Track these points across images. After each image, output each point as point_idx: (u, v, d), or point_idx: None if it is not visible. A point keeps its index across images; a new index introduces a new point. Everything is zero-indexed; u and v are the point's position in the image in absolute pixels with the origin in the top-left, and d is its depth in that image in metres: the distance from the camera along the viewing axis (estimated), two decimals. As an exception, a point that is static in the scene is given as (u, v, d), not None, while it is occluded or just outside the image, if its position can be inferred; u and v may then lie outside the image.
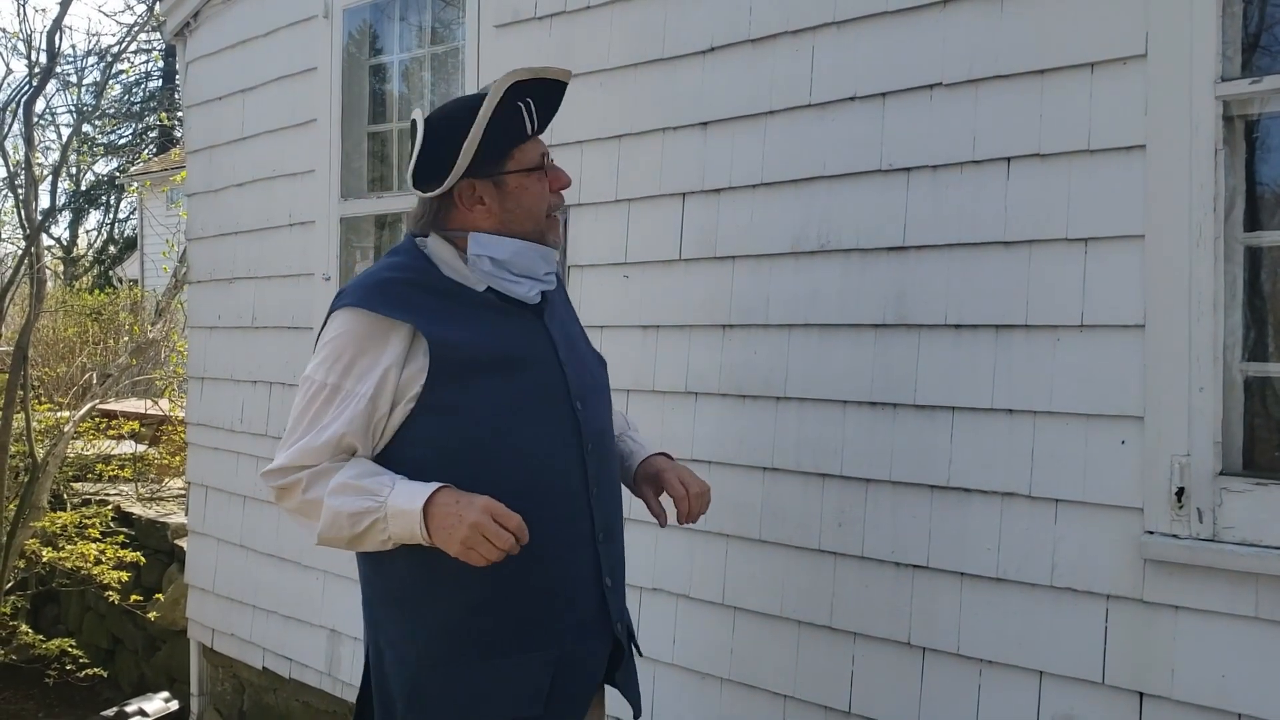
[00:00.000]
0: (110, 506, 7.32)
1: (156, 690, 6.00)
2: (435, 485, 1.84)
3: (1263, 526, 2.12)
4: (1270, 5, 2.22)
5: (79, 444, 8.24)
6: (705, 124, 3.02)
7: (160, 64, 19.88)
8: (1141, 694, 2.26)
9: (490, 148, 1.98)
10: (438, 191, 2.00)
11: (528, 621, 1.97)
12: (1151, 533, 2.23)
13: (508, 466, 1.93)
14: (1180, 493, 2.19)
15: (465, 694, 1.96)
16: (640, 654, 2.25)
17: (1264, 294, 2.22)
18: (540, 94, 2.03)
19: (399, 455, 1.95)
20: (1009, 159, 2.47)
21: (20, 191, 7.89)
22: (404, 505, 1.83)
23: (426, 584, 1.96)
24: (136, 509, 7.37)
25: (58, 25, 7.50)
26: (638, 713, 2.18)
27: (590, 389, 2.11)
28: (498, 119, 1.96)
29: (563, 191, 2.10)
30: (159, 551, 6.86)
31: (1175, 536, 2.20)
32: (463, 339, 1.94)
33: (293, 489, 1.93)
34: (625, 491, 2.27)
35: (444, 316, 1.95)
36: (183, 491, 6.98)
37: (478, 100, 1.99)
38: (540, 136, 2.09)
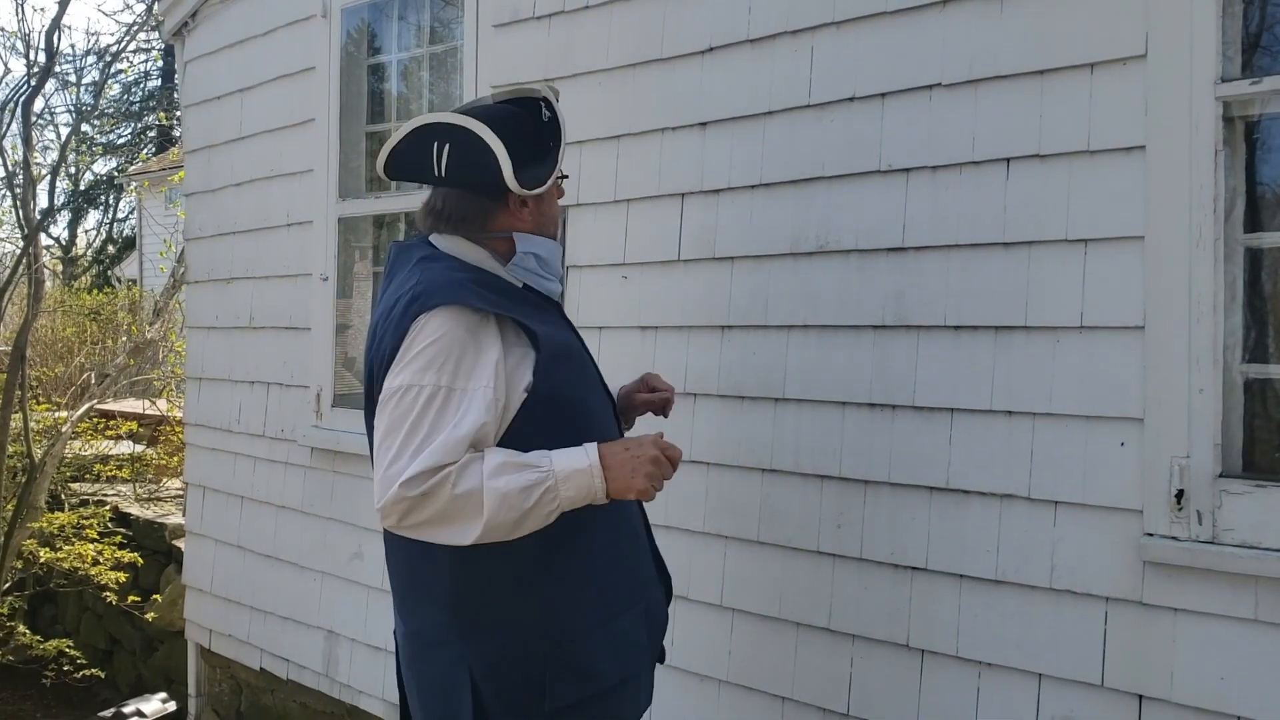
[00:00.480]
0: (108, 507, 7.31)
1: (154, 691, 5.99)
2: (591, 444, 1.94)
3: (1263, 529, 2.11)
4: (1270, 5, 2.21)
5: (77, 444, 8.22)
6: (704, 124, 3.01)
7: (159, 63, 19.88)
8: (1141, 696, 2.26)
9: (546, 158, 2.12)
10: (538, 191, 2.06)
11: (622, 582, 2.12)
12: (1151, 535, 2.23)
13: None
14: (1180, 495, 2.19)
15: (587, 665, 2.03)
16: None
17: (1264, 295, 2.21)
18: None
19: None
20: (1009, 160, 2.47)
21: (18, 191, 7.86)
22: (575, 465, 1.89)
23: (543, 568, 2.01)
24: (134, 509, 7.36)
25: (56, 24, 7.51)
26: (662, 659, 2.33)
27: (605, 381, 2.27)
28: (541, 131, 2.13)
29: (563, 195, 2.24)
30: (157, 552, 6.85)
31: (1175, 539, 2.20)
32: (546, 330, 2.02)
33: (439, 489, 1.82)
34: None
35: (521, 310, 2.02)
36: (180, 492, 6.97)
37: (535, 106, 2.14)
38: None
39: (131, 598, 6.50)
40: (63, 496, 7.59)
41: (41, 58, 7.78)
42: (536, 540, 1.92)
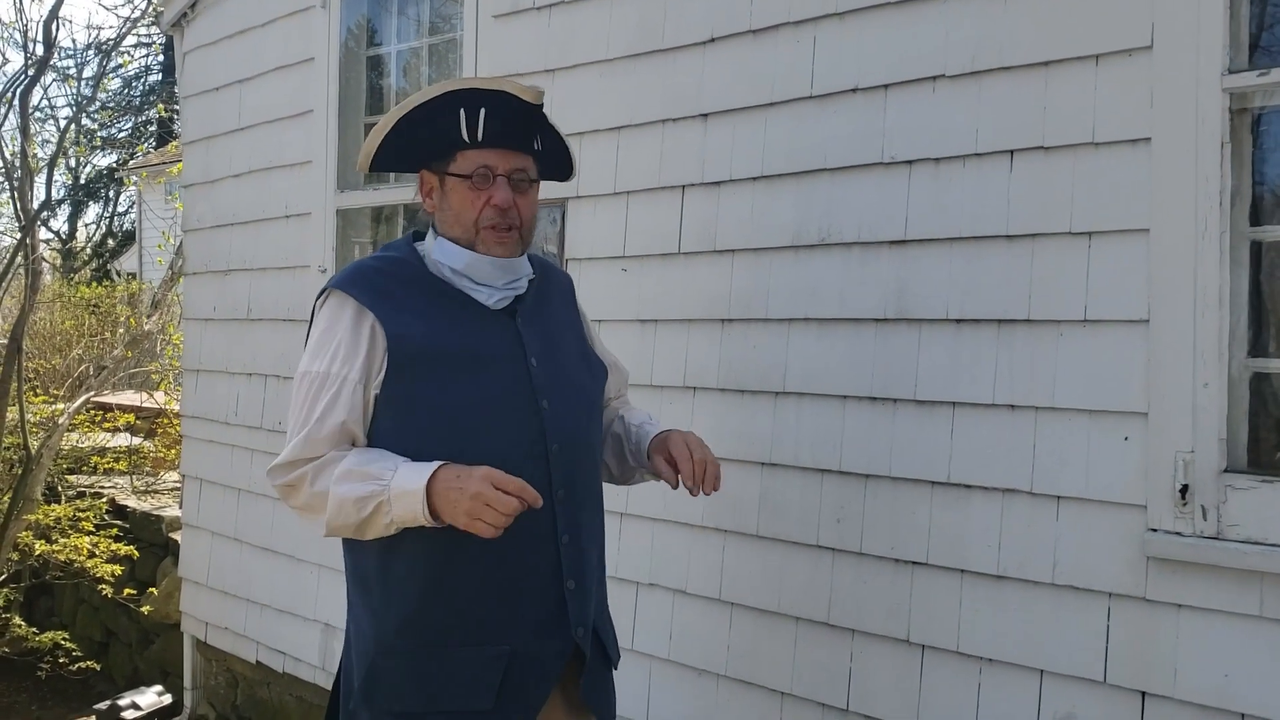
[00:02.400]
0: (104, 499, 7.28)
1: (150, 684, 5.97)
2: (436, 464, 1.85)
3: (1268, 524, 2.09)
4: (1279, -4, 2.19)
5: (74, 436, 8.19)
6: (705, 115, 2.99)
7: (160, 57, 19.84)
8: (1144, 693, 2.24)
9: (436, 145, 2.03)
10: (358, 167, 2.09)
11: (480, 616, 1.98)
12: (1155, 530, 2.21)
13: (462, 462, 1.88)
14: (1184, 490, 2.17)
15: (415, 682, 1.98)
16: (615, 664, 2.20)
17: (1269, 289, 2.19)
18: (503, 107, 2.00)
19: (384, 441, 1.97)
20: (1012, 152, 2.45)
21: (16, 183, 7.83)
22: (407, 486, 1.85)
23: (386, 575, 2.00)
24: (131, 502, 7.33)
25: (54, 15, 7.43)
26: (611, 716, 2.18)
27: (563, 390, 2.08)
28: (433, 117, 2.00)
29: (500, 206, 2.00)
30: (153, 545, 6.82)
31: (1179, 534, 2.18)
32: (420, 332, 1.97)
33: (299, 484, 1.95)
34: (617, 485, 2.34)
35: (409, 309, 1.99)
36: (178, 485, 6.95)
37: (421, 96, 2.04)
38: (513, 151, 2.03)
39: (128, 590, 6.48)
40: (59, 489, 7.56)
41: (39, 49, 7.74)
42: (383, 545, 1.96)
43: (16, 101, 8.05)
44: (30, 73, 7.88)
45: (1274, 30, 2.20)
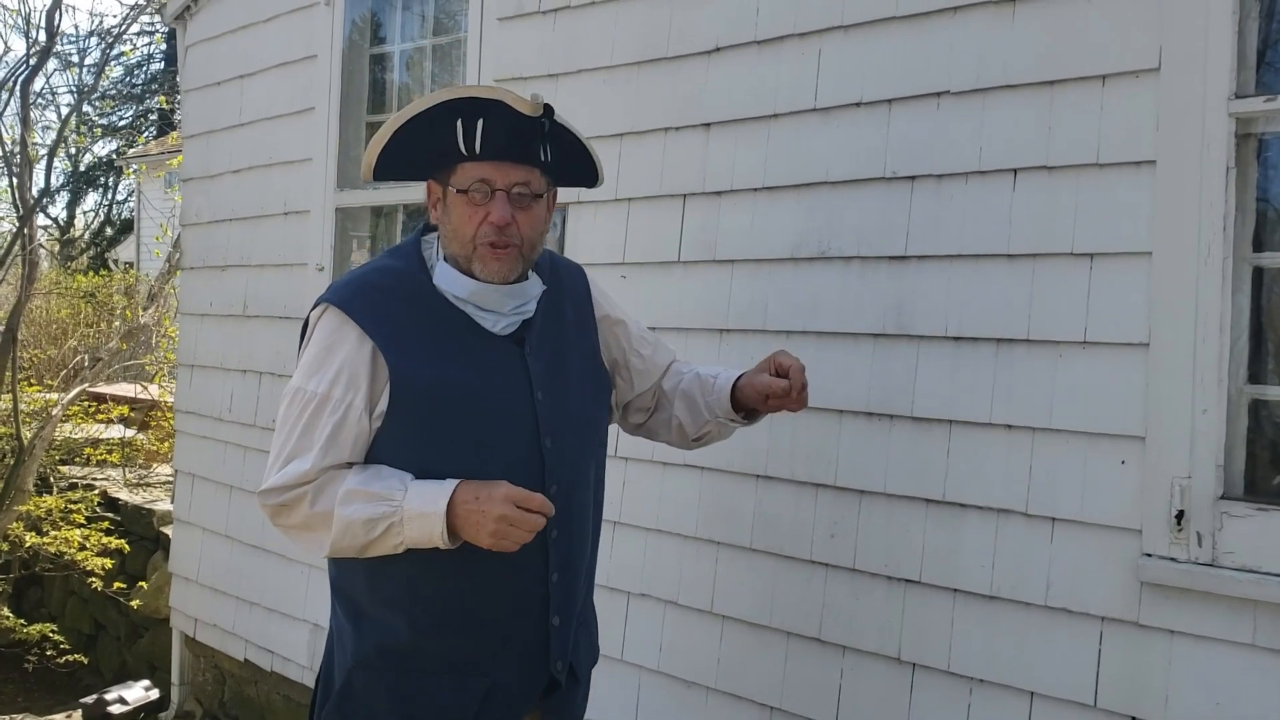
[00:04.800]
0: (97, 491, 7.27)
1: (137, 678, 5.95)
2: (452, 483, 1.82)
3: (1263, 553, 2.08)
4: (1287, 22, 2.18)
5: (67, 427, 8.17)
6: (708, 125, 2.98)
7: (163, 47, 19.79)
8: (1133, 718, 2.22)
9: (436, 156, 1.95)
10: (362, 177, 2.03)
11: (464, 650, 1.97)
12: (1149, 555, 2.20)
13: None
14: (1180, 515, 2.16)
15: (391, 701, 1.96)
16: (584, 686, 2.20)
17: (1271, 316, 2.18)
18: (501, 119, 1.91)
19: (386, 461, 1.93)
20: (1015, 170, 2.43)
21: (16, 171, 7.81)
22: (423, 508, 1.80)
23: (373, 597, 1.98)
24: (123, 494, 7.32)
25: (57, 4, 7.42)
26: None
27: (567, 425, 2.04)
28: (431, 128, 1.92)
29: (496, 224, 1.92)
30: (144, 538, 6.81)
31: (1174, 560, 2.17)
32: (423, 367, 1.90)
33: (296, 505, 1.88)
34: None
35: (412, 334, 1.92)
36: (170, 478, 6.94)
37: (415, 106, 1.95)
38: (514, 164, 1.93)
39: (117, 584, 6.46)
40: (51, 480, 7.55)
41: (42, 36, 7.71)
42: (365, 573, 1.94)
43: (18, 90, 8.03)
44: (32, 62, 7.87)
45: (1281, 56, 2.19)
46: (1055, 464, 2.34)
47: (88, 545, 6.57)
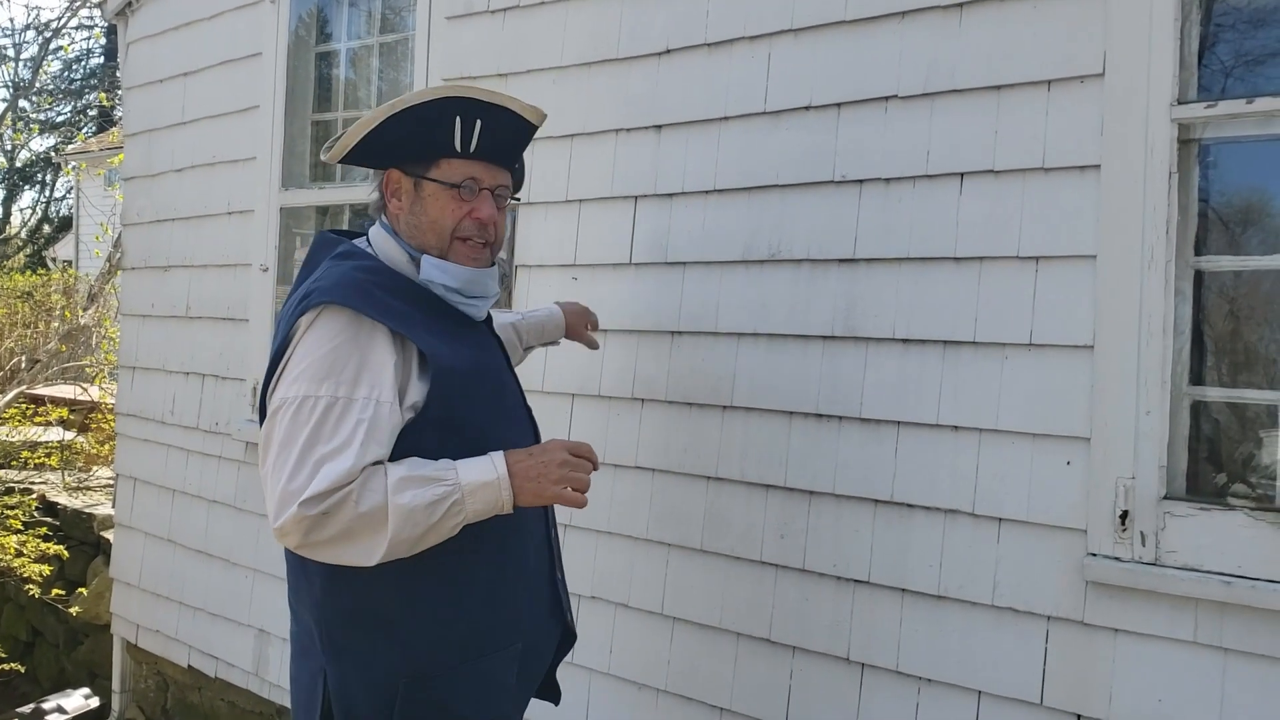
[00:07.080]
0: (34, 496, 7.11)
1: (77, 686, 5.83)
2: (497, 453, 1.88)
3: (1203, 551, 2.12)
4: (1228, 30, 2.22)
5: (4, 430, 8.00)
6: (659, 127, 2.98)
7: (102, 41, 19.45)
8: (1079, 715, 2.26)
9: (419, 147, 1.98)
10: (329, 158, 2.00)
11: (498, 622, 2.01)
12: (1094, 555, 2.23)
13: None
14: (1124, 516, 2.19)
15: (445, 704, 1.93)
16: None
17: (1213, 319, 2.22)
18: (500, 122, 1.99)
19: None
20: (962, 174, 2.46)
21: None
22: (483, 477, 1.84)
23: (407, 603, 1.92)
24: (62, 499, 7.17)
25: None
26: (556, 698, 2.32)
27: (523, 396, 2.22)
28: (426, 120, 1.94)
29: (483, 221, 2.00)
30: (84, 543, 6.67)
31: (1118, 559, 2.20)
32: (449, 354, 1.91)
33: (341, 507, 1.73)
34: None
35: (418, 324, 1.90)
36: (111, 481, 6.81)
37: (417, 96, 1.95)
38: (498, 167, 2.03)
39: (56, 590, 6.33)
40: (-13, 483, 7.37)
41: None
42: (399, 576, 1.86)
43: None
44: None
45: (1222, 63, 2.23)
46: (1002, 465, 2.37)
47: (24, 551, 6.42)
